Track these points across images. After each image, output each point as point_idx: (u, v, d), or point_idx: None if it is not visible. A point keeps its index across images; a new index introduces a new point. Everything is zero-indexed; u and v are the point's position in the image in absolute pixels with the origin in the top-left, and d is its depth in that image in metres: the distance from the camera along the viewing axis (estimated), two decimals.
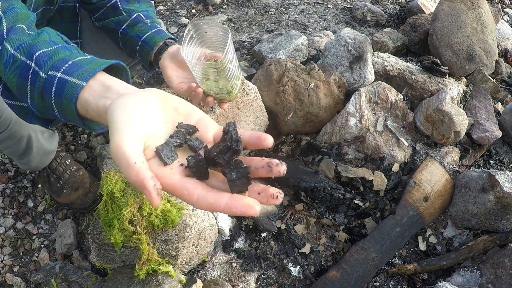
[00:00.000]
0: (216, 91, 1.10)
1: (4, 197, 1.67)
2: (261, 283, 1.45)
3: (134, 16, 1.26)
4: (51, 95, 0.67)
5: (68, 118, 0.68)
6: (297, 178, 1.54)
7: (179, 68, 1.16)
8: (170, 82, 1.14)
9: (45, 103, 0.69)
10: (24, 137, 1.27)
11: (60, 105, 0.67)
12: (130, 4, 1.31)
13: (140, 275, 1.22)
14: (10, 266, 1.54)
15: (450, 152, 1.66)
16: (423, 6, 2.30)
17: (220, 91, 1.10)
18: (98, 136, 1.79)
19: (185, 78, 1.15)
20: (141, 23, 1.25)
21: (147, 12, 1.30)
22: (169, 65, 1.15)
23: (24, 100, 0.71)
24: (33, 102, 0.70)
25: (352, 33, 1.79)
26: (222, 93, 1.11)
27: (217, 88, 1.09)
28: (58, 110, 0.68)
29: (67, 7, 1.43)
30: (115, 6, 1.30)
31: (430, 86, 1.75)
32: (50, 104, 0.68)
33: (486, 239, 1.45)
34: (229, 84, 1.08)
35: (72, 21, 1.44)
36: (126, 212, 1.18)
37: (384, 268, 1.49)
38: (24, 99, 0.71)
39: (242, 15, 2.42)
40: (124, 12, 1.29)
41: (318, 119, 1.69)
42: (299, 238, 1.51)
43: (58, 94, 0.66)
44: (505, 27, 2.28)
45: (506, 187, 1.39)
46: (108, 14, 1.30)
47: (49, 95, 0.67)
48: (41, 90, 0.68)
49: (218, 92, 1.11)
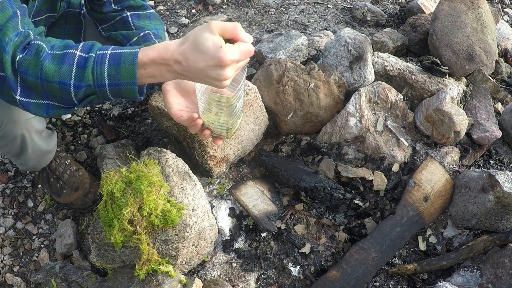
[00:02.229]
0: (216, 125, 1.09)
1: (4, 197, 1.67)
2: (261, 283, 1.45)
3: (144, 34, 1.25)
4: (104, 66, 0.87)
5: (120, 81, 0.88)
6: (297, 178, 1.54)
7: (181, 96, 1.14)
8: (169, 108, 1.12)
9: (94, 77, 0.88)
10: (17, 137, 1.27)
11: (115, 71, 0.87)
12: (141, 20, 1.30)
13: (140, 275, 1.23)
14: (10, 266, 1.54)
15: (450, 152, 1.66)
16: (423, 6, 2.30)
17: (219, 126, 1.09)
18: (98, 136, 1.79)
19: (186, 107, 1.13)
20: (149, 42, 1.24)
21: (157, 31, 1.28)
22: (171, 91, 1.13)
23: (67, 83, 0.88)
24: (79, 80, 0.88)
25: (352, 33, 1.79)
26: (221, 128, 1.10)
27: (217, 122, 1.07)
28: (110, 77, 0.87)
29: (72, 13, 1.43)
30: (126, 20, 1.29)
31: (430, 86, 1.75)
32: (102, 75, 0.87)
33: (486, 239, 1.45)
34: (230, 121, 1.06)
35: (76, 27, 1.43)
36: (126, 212, 1.18)
37: (384, 268, 1.49)
38: (67, 81, 0.87)
39: (242, 15, 2.42)
40: (133, 28, 1.28)
41: (318, 119, 1.69)
42: (299, 238, 1.51)
43: (113, 63, 0.87)
44: (505, 27, 2.28)
45: (506, 187, 1.39)
46: (118, 26, 1.30)
47: (102, 66, 0.87)
48: (92, 66, 0.87)
49: (217, 127, 1.09)
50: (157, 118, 1.55)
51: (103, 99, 0.93)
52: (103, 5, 1.30)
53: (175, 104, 1.12)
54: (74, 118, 1.88)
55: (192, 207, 1.29)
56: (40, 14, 1.21)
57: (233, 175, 1.65)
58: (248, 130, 1.58)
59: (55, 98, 0.92)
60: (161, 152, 1.34)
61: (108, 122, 1.86)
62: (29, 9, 1.14)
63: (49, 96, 0.92)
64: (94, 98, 0.92)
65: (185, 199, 1.28)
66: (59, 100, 0.92)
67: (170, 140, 1.67)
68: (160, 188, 1.23)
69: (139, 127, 1.83)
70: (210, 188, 1.59)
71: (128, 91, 0.90)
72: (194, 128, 1.10)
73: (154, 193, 1.21)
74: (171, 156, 1.35)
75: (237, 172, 1.66)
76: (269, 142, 1.74)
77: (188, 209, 1.28)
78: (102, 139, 1.78)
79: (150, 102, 1.47)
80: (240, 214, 1.55)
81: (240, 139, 1.56)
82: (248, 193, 1.57)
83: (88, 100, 0.92)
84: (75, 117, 1.89)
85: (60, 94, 0.90)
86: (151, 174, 1.23)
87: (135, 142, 1.73)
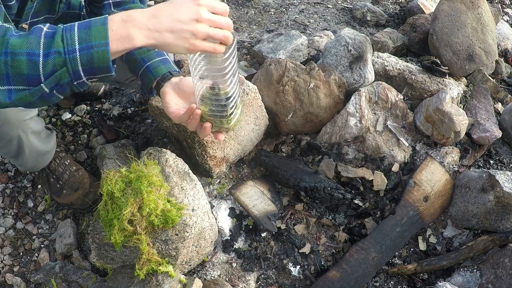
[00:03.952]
0: (216, 111, 1.07)
1: (4, 197, 1.67)
2: (261, 283, 1.45)
3: None
4: (74, 31, 0.83)
5: (92, 43, 0.83)
6: (297, 178, 1.54)
7: (179, 97, 1.14)
8: (167, 107, 1.12)
9: (64, 42, 0.82)
10: (14, 138, 1.27)
11: (86, 34, 0.83)
12: None
13: (140, 275, 1.22)
14: (10, 266, 1.54)
15: (450, 152, 1.66)
16: (423, 6, 2.30)
17: (219, 112, 1.07)
18: (98, 136, 1.79)
19: (183, 108, 1.13)
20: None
21: None
22: (169, 92, 1.14)
23: (35, 52, 0.83)
24: (48, 48, 0.83)
25: (352, 33, 1.79)
26: (221, 116, 1.08)
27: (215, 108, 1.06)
28: (81, 40, 0.83)
29: (71, 14, 1.43)
30: None
31: (430, 86, 1.75)
32: (72, 39, 0.83)
33: (486, 239, 1.45)
34: (229, 110, 1.05)
35: None
36: (126, 212, 1.18)
37: (384, 268, 1.49)
38: (36, 51, 0.82)
39: (242, 15, 2.42)
40: None
41: (318, 119, 1.69)
42: (299, 238, 1.51)
43: (83, 28, 0.83)
44: (505, 27, 2.28)
45: (506, 187, 1.39)
46: None
47: (72, 32, 0.83)
48: (61, 33, 0.83)
49: (216, 113, 1.07)
50: (157, 118, 1.56)
51: (73, 75, 0.85)
52: (103, 8, 1.30)
53: (173, 104, 1.13)
54: (74, 118, 1.88)
55: (192, 207, 1.29)
56: (38, 15, 1.21)
57: (233, 175, 1.65)
58: (248, 130, 1.58)
59: (20, 78, 0.84)
60: (161, 152, 1.34)
61: (108, 122, 1.86)
62: (27, 10, 1.14)
63: (12, 79, 0.84)
64: (63, 73, 0.84)
65: (185, 199, 1.28)
66: (24, 80, 0.85)
67: (170, 140, 1.67)
68: (160, 188, 1.23)
69: (139, 127, 1.83)
70: (210, 188, 1.59)
71: (100, 55, 0.84)
72: (193, 122, 1.08)
73: (154, 193, 1.21)
74: (171, 156, 1.35)
75: (237, 172, 1.66)
76: (269, 142, 1.74)
77: (188, 209, 1.27)
78: (102, 139, 1.78)
79: (150, 102, 1.47)
80: (240, 214, 1.55)
81: (240, 139, 1.56)
82: (248, 193, 1.57)
83: (56, 76, 0.84)
84: (75, 117, 1.89)
85: (26, 70, 0.83)
86: (151, 174, 1.23)
87: (135, 142, 1.73)
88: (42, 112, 1.91)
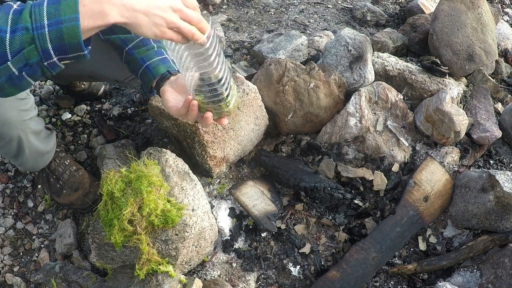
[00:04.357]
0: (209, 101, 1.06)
1: (4, 197, 1.67)
2: (261, 283, 1.45)
3: (142, 38, 1.24)
4: (42, 7, 0.79)
5: (61, 18, 0.79)
6: (297, 178, 1.54)
7: (178, 93, 1.15)
8: (166, 102, 1.13)
9: (32, 18, 0.79)
10: (13, 138, 1.27)
11: (55, 9, 0.79)
12: None
13: (140, 275, 1.22)
14: (10, 266, 1.54)
15: (450, 152, 1.66)
16: (423, 6, 2.30)
17: (215, 96, 1.05)
18: (98, 136, 1.79)
19: (182, 102, 1.12)
20: (147, 46, 1.23)
21: None
22: (168, 89, 1.15)
23: (2, 29, 0.79)
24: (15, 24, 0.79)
25: (352, 33, 1.79)
26: (215, 103, 1.06)
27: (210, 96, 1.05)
28: (49, 16, 0.79)
29: None
30: None
31: (430, 86, 1.75)
32: (41, 14, 0.79)
33: (486, 239, 1.45)
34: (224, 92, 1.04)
35: None
36: (126, 212, 1.18)
37: (384, 268, 1.49)
38: (2, 27, 0.79)
39: (242, 15, 2.42)
40: None
41: (318, 119, 1.69)
42: (299, 238, 1.51)
43: (52, 3, 0.79)
44: (505, 27, 2.28)
45: (506, 187, 1.39)
46: (117, 30, 1.29)
47: (40, 7, 0.79)
48: (30, 9, 0.79)
49: (211, 102, 1.06)
50: (157, 118, 1.56)
51: (42, 53, 0.81)
52: None
53: (172, 100, 1.13)
54: (74, 118, 1.88)
55: (192, 207, 1.29)
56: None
57: (233, 175, 1.65)
58: (248, 130, 1.58)
59: None
60: (161, 152, 1.34)
61: (108, 122, 1.86)
62: None
63: None
64: (31, 51, 0.80)
65: (185, 199, 1.28)
66: None
67: (170, 140, 1.67)
68: (160, 188, 1.23)
69: (139, 127, 1.83)
70: (210, 188, 1.59)
71: (70, 31, 0.79)
72: (192, 113, 1.08)
73: (154, 193, 1.21)
74: (171, 156, 1.35)
75: (237, 172, 1.66)
76: (269, 142, 1.74)
77: (188, 209, 1.27)
78: (102, 139, 1.78)
79: (150, 102, 1.47)
80: (240, 214, 1.55)
81: (240, 139, 1.56)
82: (248, 193, 1.57)
83: (24, 54, 0.80)
84: (75, 117, 1.89)
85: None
86: (151, 174, 1.23)
87: (135, 142, 1.73)
88: (42, 112, 1.91)
